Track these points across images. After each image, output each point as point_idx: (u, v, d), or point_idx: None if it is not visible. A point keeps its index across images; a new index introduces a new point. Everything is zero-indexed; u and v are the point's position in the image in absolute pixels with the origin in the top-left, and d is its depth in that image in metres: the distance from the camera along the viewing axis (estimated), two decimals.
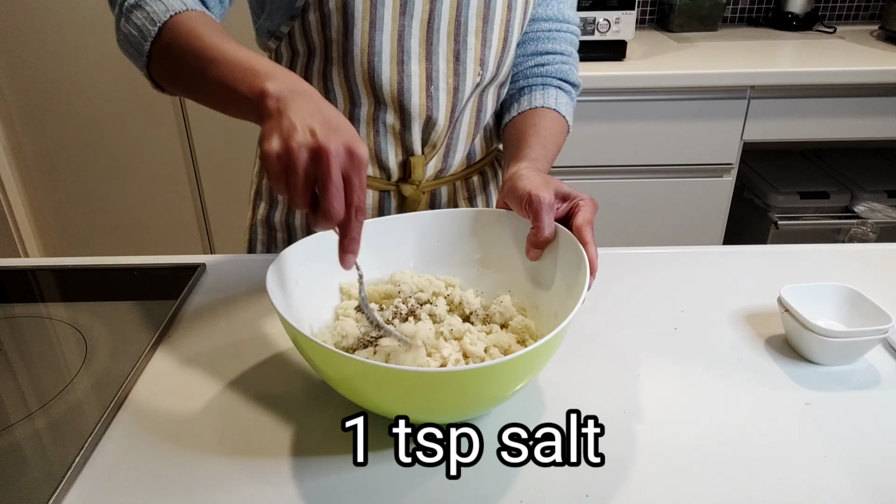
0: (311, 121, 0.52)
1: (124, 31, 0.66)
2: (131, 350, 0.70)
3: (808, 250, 0.92)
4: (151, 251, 2.10)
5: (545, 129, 0.82)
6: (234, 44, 0.60)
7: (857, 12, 2.23)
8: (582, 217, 0.65)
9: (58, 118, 2.02)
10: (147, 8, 0.64)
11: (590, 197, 0.67)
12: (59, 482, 0.54)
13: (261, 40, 0.85)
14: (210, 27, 0.62)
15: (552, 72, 0.89)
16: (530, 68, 0.89)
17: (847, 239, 1.79)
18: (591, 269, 0.61)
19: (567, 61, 0.90)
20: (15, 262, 0.89)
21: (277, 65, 0.58)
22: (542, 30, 0.88)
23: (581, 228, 0.64)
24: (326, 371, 0.56)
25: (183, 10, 0.63)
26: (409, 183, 0.86)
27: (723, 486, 0.55)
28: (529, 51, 0.89)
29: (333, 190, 0.50)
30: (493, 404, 0.60)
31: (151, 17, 0.63)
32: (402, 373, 0.50)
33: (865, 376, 0.68)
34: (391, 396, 0.54)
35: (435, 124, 0.82)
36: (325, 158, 0.50)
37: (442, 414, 0.56)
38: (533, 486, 0.55)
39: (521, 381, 0.56)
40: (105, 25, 1.90)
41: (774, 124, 1.76)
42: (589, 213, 0.66)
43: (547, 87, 0.88)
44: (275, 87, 0.54)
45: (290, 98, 0.54)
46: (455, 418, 0.57)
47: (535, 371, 0.58)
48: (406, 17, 0.75)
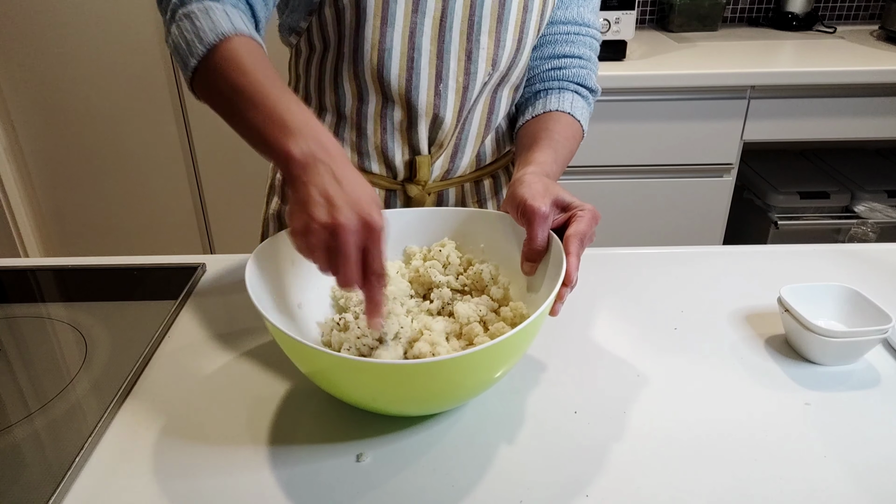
0: (332, 193, 0.55)
1: (174, 37, 0.66)
2: (131, 350, 0.70)
3: (808, 250, 0.92)
4: (151, 251, 2.10)
5: (558, 133, 0.80)
6: (273, 81, 0.62)
7: (857, 12, 2.23)
8: (574, 228, 0.64)
9: (57, 118, 2.02)
10: (197, 23, 0.64)
11: (592, 208, 0.66)
12: (59, 482, 0.54)
13: (283, 37, 0.85)
14: (255, 58, 0.63)
15: (569, 76, 0.87)
16: (547, 71, 0.87)
17: (847, 239, 1.79)
18: (566, 281, 0.60)
19: (585, 66, 0.88)
20: (15, 262, 0.89)
21: (308, 115, 0.60)
22: (561, 32, 0.86)
23: (569, 239, 0.63)
24: (298, 363, 0.59)
25: (232, 34, 0.63)
26: (415, 183, 0.86)
27: (723, 485, 0.55)
28: (546, 54, 0.87)
29: (349, 264, 0.55)
30: (459, 396, 0.61)
31: (199, 35, 0.63)
32: (363, 364, 0.53)
33: (865, 376, 0.68)
34: (360, 388, 0.57)
35: (442, 123, 0.81)
36: (341, 235, 0.54)
37: (412, 404, 0.59)
38: (533, 486, 0.55)
39: (473, 379, 0.57)
40: (105, 25, 1.90)
41: (774, 124, 1.76)
42: (584, 224, 0.64)
43: (563, 91, 0.86)
44: (299, 152, 0.57)
45: (312, 166, 0.57)
46: (429, 409, 0.61)
47: (490, 369, 0.58)
48: (418, 15, 0.75)
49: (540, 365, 0.70)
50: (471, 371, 0.55)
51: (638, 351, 0.72)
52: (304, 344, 0.53)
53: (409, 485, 0.55)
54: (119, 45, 1.93)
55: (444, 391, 0.57)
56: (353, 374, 0.55)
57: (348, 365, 0.54)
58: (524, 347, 0.62)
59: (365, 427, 0.61)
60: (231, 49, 0.63)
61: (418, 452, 0.59)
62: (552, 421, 0.62)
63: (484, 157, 0.91)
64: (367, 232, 0.55)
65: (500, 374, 0.59)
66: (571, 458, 0.58)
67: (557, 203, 0.66)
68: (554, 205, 0.65)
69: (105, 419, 0.61)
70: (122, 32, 1.91)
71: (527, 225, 0.65)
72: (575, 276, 0.61)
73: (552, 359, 0.71)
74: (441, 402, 0.61)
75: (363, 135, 0.83)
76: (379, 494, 0.55)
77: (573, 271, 0.61)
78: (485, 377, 0.58)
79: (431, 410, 0.62)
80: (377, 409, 0.61)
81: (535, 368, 0.69)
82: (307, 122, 0.59)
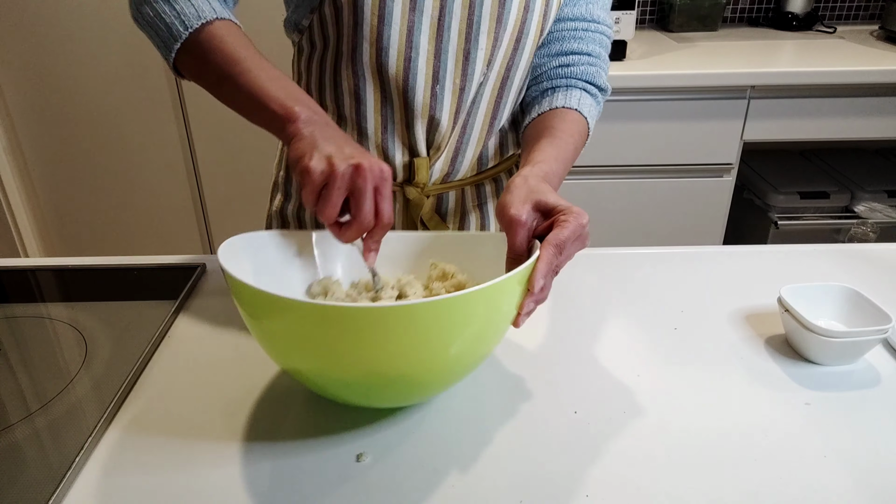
0: (342, 145, 0.61)
1: (146, 16, 0.71)
2: (131, 350, 0.70)
3: (808, 250, 0.92)
4: (151, 251, 2.10)
5: (562, 131, 0.77)
6: (266, 61, 0.69)
7: (857, 12, 2.23)
8: (553, 234, 0.59)
9: (57, 118, 2.02)
10: (176, 6, 0.69)
11: (578, 211, 0.61)
12: (59, 482, 0.54)
13: (288, 34, 0.85)
14: (244, 39, 0.70)
15: (578, 73, 0.83)
16: (554, 69, 0.84)
17: (847, 239, 1.79)
18: (529, 287, 0.57)
19: (595, 63, 0.84)
20: (15, 262, 0.89)
21: (302, 90, 0.67)
22: (569, 29, 0.83)
23: (545, 245, 0.58)
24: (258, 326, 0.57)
25: (214, 19, 0.69)
26: (414, 185, 0.86)
27: (723, 485, 0.55)
28: (554, 50, 0.84)
29: (369, 202, 0.60)
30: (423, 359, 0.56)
31: (182, 20, 0.68)
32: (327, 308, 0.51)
33: (865, 376, 0.68)
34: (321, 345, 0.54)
35: (438, 125, 0.81)
36: (364, 173, 0.59)
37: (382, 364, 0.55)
38: (533, 486, 0.55)
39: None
40: (105, 25, 1.90)
41: (774, 124, 1.76)
42: (567, 231, 0.59)
43: (571, 89, 0.83)
44: (305, 113, 0.64)
45: (319, 125, 0.64)
46: (402, 384, 0.58)
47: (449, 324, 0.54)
48: (416, 13, 0.74)
49: (540, 365, 0.70)
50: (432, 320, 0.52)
51: (638, 351, 0.72)
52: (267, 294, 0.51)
53: (409, 485, 0.55)
54: (119, 45, 1.93)
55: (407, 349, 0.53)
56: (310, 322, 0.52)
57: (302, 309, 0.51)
58: (479, 311, 0.55)
59: (365, 427, 0.61)
60: (219, 30, 0.68)
61: (418, 452, 0.59)
62: (552, 421, 0.62)
63: (486, 160, 0.90)
64: (382, 174, 0.60)
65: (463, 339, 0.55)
66: (571, 458, 0.58)
67: (539, 207, 0.62)
68: (535, 209, 0.62)
69: (105, 419, 0.61)
70: (123, 33, 1.91)
71: (507, 232, 0.63)
72: (539, 284, 0.57)
73: (552, 359, 0.71)
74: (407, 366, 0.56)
75: (364, 134, 0.82)
76: (379, 494, 0.55)
77: (538, 277, 0.57)
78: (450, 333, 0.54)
79: (405, 386, 0.58)
80: (351, 379, 0.57)
81: (535, 368, 0.69)
82: (302, 93, 0.66)
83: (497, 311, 0.57)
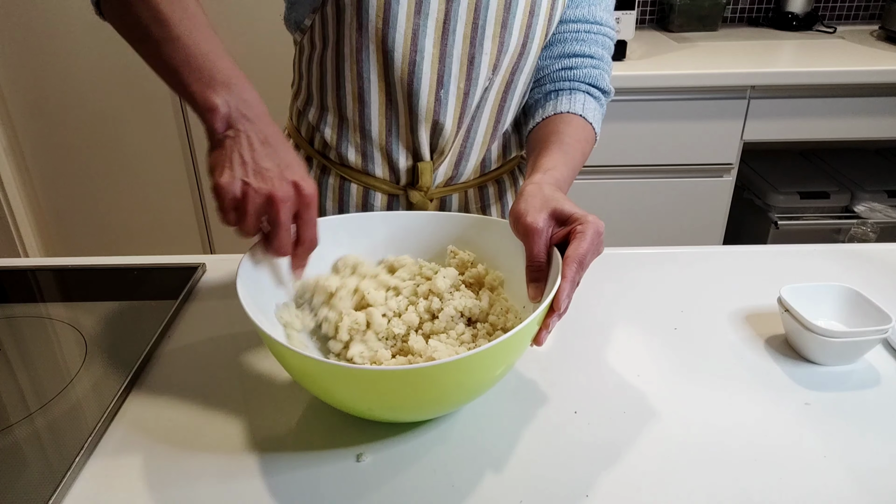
0: (261, 160, 0.56)
1: None
2: (131, 350, 0.70)
3: (808, 250, 0.92)
4: (151, 251, 2.10)
5: (569, 136, 0.77)
6: (200, 21, 0.59)
7: (857, 12, 2.23)
8: (573, 249, 0.58)
9: (57, 118, 2.02)
10: None
11: (594, 220, 0.60)
12: (59, 482, 0.54)
13: (290, 32, 0.84)
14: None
15: (581, 76, 0.82)
16: (557, 72, 0.83)
17: (847, 239, 1.79)
18: (555, 306, 0.56)
19: (598, 65, 0.83)
20: (15, 262, 0.89)
21: (233, 66, 0.59)
22: (571, 31, 0.82)
23: (566, 261, 0.58)
24: (287, 368, 0.59)
25: None
26: (417, 189, 0.85)
27: (723, 485, 0.55)
28: (556, 53, 0.83)
29: (284, 233, 0.57)
30: (444, 403, 0.59)
31: None
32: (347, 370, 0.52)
33: (865, 376, 0.68)
34: (348, 392, 0.56)
35: (442, 129, 0.80)
36: (276, 205, 0.55)
37: (403, 411, 0.59)
38: (533, 486, 0.55)
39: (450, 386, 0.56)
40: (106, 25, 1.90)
41: (774, 124, 1.76)
42: (586, 243, 0.58)
43: (574, 93, 0.82)
44: (225, 107, 0.57)
45: (239, 125, 0.57)
46: (420, 415, 0.61)
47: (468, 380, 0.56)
48: (421, 17, 0.73)
49: (540, 365, 0.70)
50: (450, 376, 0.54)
51: (638, 351, 0.72)
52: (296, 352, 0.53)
53: (409, 485, 0.55)
54: (119, 45, 1.92)
55: (432, 396, 0.56)
56: (336, 379, 0.54)
57: (330, 370, 0.53)
58: (493, 364, 0.57)
59: (365, 428, 0.61)
60: None
61: (418, 452, 0.59)
62: (552, 421, 0.62)
63: (489, 163, 0.89)
64: (301, 199, 0.56)
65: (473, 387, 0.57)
66: (571, 458, 0.58)
67: (555, 216, 0.62)
68: (551, 217, 0.62)
69: (105, 419, 0.61)
70: None
71: (524, 241, 0.63)
72: (565, 303, 0.57)
73: (552, 359, 0.71)
74: (436, 405, 0.59)
75: (367, 136, 0.82)
76: (379, 495, 0.55)
77: (563, 297, 0.57)
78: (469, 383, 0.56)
79: (419, 414, 0.61)
80: (373, 416, 0.60)
81: (535, 368, 0.69)
82: (233, 75, 0.58)
83: (520, 351, 0.60)
